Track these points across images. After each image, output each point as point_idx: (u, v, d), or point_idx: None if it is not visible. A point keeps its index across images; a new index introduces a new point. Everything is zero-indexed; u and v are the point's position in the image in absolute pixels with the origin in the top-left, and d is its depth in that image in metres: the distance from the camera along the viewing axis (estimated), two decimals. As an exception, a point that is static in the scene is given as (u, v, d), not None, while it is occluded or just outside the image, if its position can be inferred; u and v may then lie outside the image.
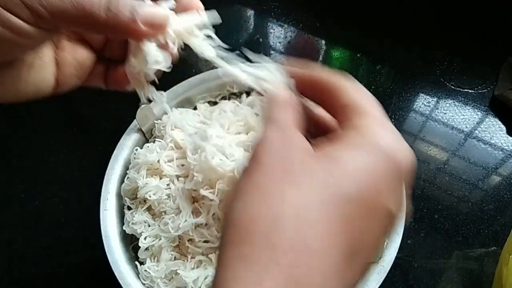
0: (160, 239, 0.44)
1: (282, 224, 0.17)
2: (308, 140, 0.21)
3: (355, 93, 0.22)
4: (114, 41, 0.27)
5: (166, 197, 0.45)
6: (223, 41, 0.30)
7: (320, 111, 0.25)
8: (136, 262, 0.45)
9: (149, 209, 0.47)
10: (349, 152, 0.19)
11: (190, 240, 0.44)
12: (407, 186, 0.20)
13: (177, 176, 0.46)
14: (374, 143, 0.19)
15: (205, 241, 0.44)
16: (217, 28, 0.31)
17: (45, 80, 0.25)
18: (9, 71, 0.22)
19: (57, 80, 0.25)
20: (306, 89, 0.24)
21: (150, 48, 0.24)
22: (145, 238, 0.44)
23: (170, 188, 0.46)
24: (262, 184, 0.18)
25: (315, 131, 0.25)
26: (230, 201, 0.19)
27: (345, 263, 0.17)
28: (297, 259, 0.17)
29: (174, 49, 0.25)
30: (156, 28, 0.23)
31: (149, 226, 0.45)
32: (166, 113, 0.51)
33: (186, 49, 0.28)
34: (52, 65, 0.25)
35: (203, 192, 0.43)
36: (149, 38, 0.23)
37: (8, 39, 0.19)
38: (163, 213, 0.45)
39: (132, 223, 0.45)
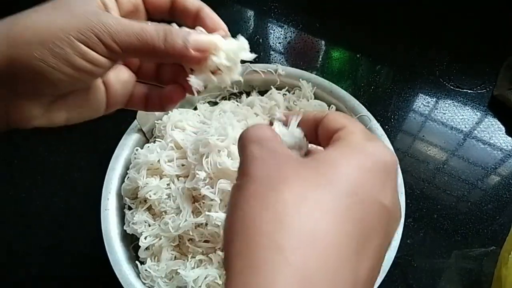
0: (161, 238, 0.44)
1: (285, 222, 0.17)
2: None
3: (341, 118, 0.23)
4: (148, 65, 0.30)
5: (166, 197, 0.46)
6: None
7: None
8: (137, 262, 0.45)
9: (149, 209, 0.47)
10: (339, 154, 0.20)
11: (190, 239, 0.44)
12: (396, 182, 0.21)
13: (177, 176, 0.47)
14: (362, 147, 0.20)
15: (206, 241, 0.44)
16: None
17: (100, 101, 0.28)
18: (74, 97, 0.26)
19: (107, 100, 0.28)
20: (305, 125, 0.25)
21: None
22: (145, 238, 0.44)
23: (170, 188, 0.46)
24: (257, 192, 0.18)
25: None
26: (228, 216, 0.19)
27: (357, 249, 0.17)
28: (309, 254, 0.16)
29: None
30: (204, 51, 0.26)
31: (149, 225, 0.46)
32: (166, 113, 0.52)
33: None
34: (102, 86, 0.28)
35: (204, 191, 0.43)
36: (198, 63, 0.27)
37: (88, 70, 0.24)
38: (163, 213, 0.45)
39: (133, 223, 0.45)
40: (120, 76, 0.29)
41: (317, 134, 0.24)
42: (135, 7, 0.27)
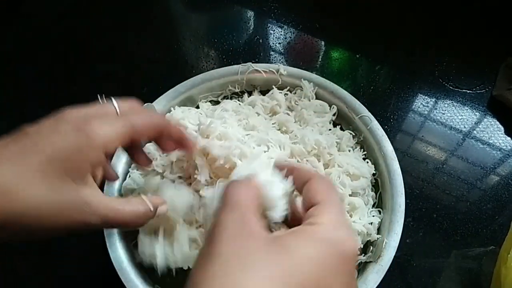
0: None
1: None
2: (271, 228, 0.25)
3: (319, 193, 0.25)
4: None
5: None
6: (223, 42, 0.30)
7: (298, 203, 0.27)
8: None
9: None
10: (300, 242, 0.21)
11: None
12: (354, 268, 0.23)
13: (179, 177, 0.47)
14: (325, 236, 0.22)
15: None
16: (218, 30, 0.31)
17: None
18: None
19: None
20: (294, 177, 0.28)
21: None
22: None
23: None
24: (217, 274, 0.19)
25: (292, 218, 0.28)
26: (190, 285, 0.20)
27: None
28: None
29: None
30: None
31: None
32: (169, 112, 0.52)
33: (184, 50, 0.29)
34: None
35: (204, 193, 0.43)
36: None
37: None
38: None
39: None
40: None
41: (299, 188, 0.27)
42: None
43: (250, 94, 0.56)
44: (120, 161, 0.49)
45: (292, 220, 0.28)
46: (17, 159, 0.24)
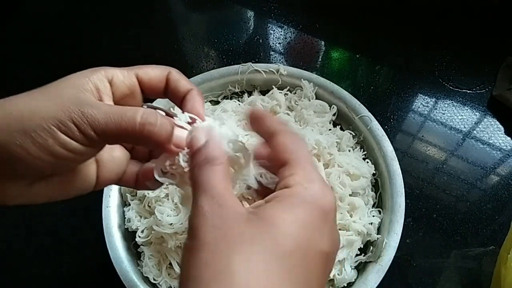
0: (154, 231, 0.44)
1: None
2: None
3: (286, 150, 0.25)
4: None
5: (164, 195, 0.46)
6: (223, 42, 0.30)
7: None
8: (138, 261, 0.45)
9: (148, 206, 0.47)
10: (280, 209, 0.22)
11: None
12: (335, 221, 0.24)
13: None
14: (301, 198, 0.22)
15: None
16: (218, 30, 0.31)
17: (88, 179, 0.27)
18: (58, 178, 0.26)
19: (97, 178, 0.28)
20: (258, 129, 0.27)
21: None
22: (142, 231, 0.45)
23: (168, 187, 0.46)
24: (209, 262, 0.20)
25: (270, 163, 0.27)
26: (182, 281, 0.20)
27: None
28: None
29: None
30: (181, 148, 0.26)
31: (145, 218, 0.46)
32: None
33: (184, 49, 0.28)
34: (94, 164, 0.28)
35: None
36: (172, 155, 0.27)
37: (65, 156, 0.23)
38: (160, 212, 0.45)
39: (128, 218, 0.46)
40: (114, 154, 0.29)
41: (269, 142, 0.26)
42: (131, 90, 0.27)
43: (250, 94, 0.56)
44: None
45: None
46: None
